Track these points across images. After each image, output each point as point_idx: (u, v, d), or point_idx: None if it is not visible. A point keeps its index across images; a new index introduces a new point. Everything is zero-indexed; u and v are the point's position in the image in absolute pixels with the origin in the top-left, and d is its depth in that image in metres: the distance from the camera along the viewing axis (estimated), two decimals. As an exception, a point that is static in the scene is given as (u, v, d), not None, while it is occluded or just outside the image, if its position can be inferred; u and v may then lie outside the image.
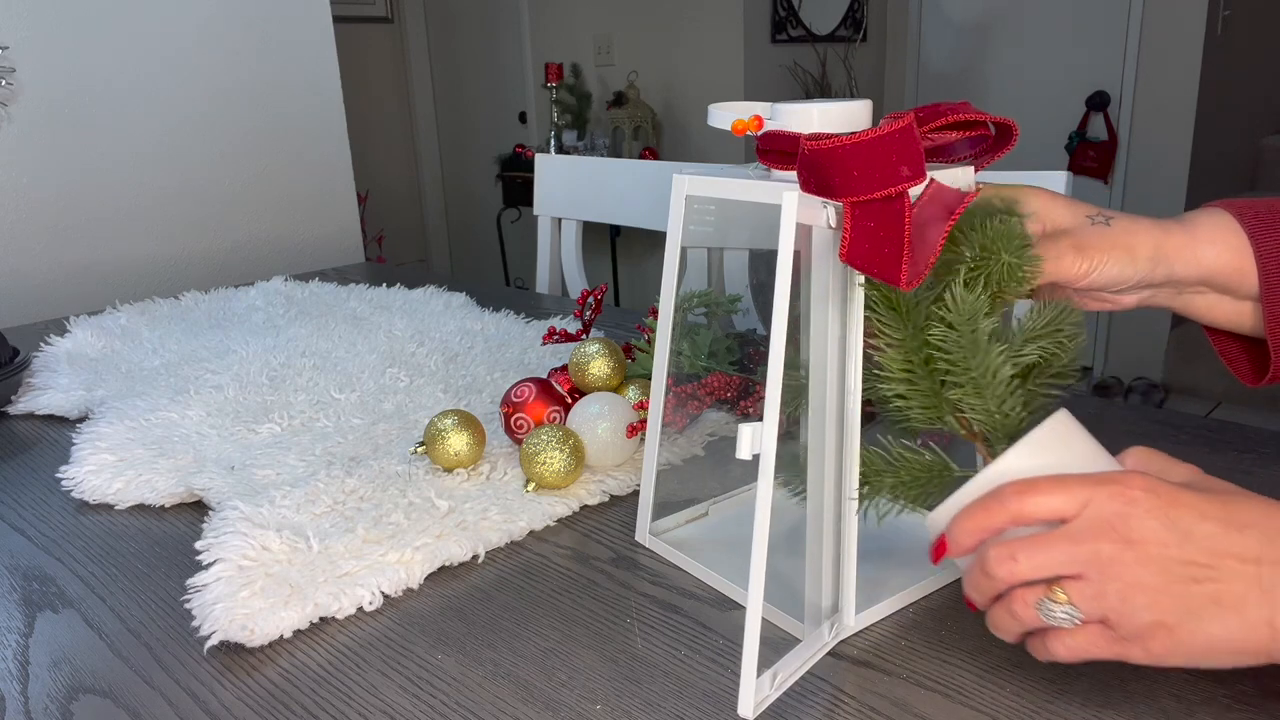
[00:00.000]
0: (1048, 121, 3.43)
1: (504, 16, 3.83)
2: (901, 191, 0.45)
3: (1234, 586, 0.40)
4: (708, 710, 0.46)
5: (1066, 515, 0.42)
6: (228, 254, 1.64)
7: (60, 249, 1.45)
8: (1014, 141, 0.52)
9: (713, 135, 3.25)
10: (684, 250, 0.58)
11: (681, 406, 0.73)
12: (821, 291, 0.49)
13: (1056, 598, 0.42)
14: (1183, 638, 0.41)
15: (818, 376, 0.50)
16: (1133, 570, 0.40)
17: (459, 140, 4.20)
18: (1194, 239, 0.57)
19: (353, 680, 0.50)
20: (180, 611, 0.56)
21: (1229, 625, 0.40)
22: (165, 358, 1.01)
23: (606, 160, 1.47)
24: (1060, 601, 0.42)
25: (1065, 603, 0.42)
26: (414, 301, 1.21)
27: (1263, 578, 0.40)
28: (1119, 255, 0.55)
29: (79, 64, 1.43)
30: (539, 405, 0.74)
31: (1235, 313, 0.60)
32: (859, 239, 0.46)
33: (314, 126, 1.72)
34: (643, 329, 0.85)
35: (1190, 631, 0.40)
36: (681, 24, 3.31)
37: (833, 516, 0.51)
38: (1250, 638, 0.40)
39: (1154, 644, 0.41)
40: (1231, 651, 0.41)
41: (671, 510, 0.65)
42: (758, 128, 0.50)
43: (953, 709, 0.46)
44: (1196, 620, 0.40)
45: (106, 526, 0.68)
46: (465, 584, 0.59)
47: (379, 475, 0.70)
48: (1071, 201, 0.58)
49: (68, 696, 0.49)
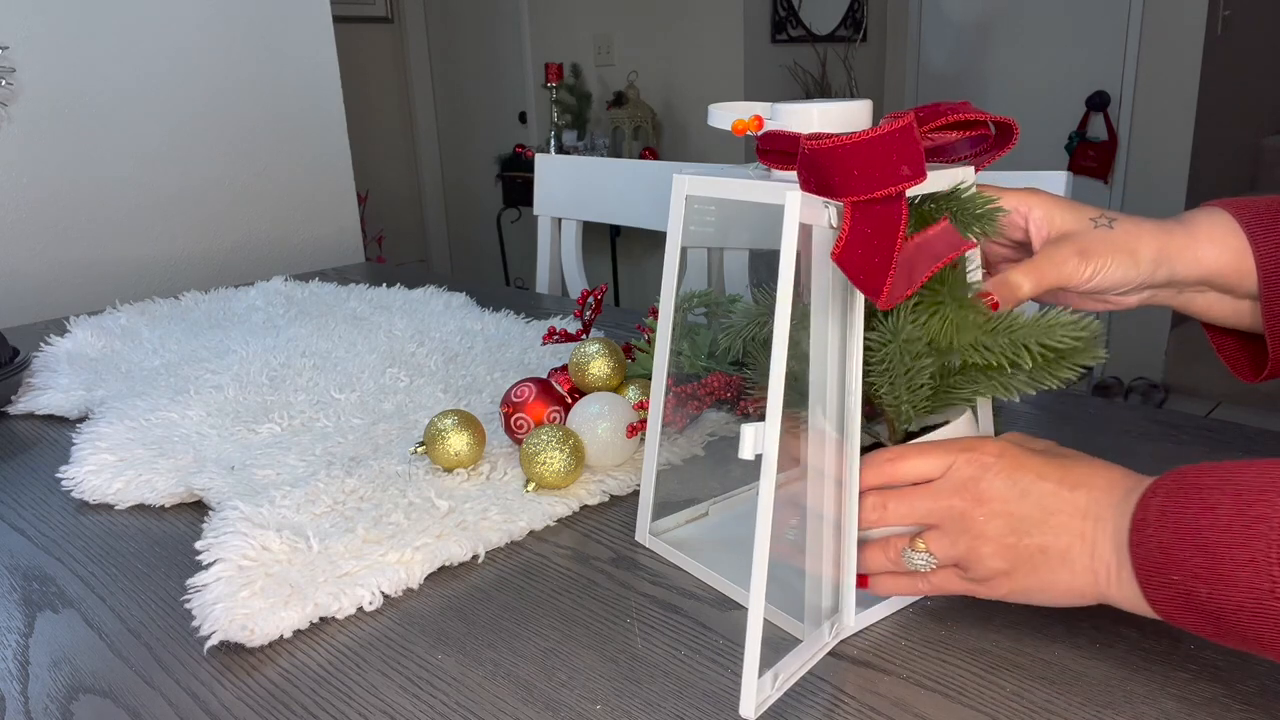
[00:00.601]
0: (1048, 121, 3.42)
1: (504, 16, 3.83)
2: (901, 193, 0.45)
3: (1061, 539, 0.46)
4: (708, 710, 0.46)
5: (932, 476, 0.49)
6: (228, 254, 1.64)
7: (60, 249, 1.45)
8: (1014, 141, 0.52)
9: (713, 135, 3.25)
10: (684, 250, 0.58)
11: (681, 406, 0.73)
12: (822, 291, 0.49)
13: (917, 546, 0.49)
14: (1020, 582, 0.47)
15: (818, 376, 0.50)
16: (980, 524, 0.47)
17: (459, 140, 4.20)
18: (1194, 239, 0.57)
19: (353, 680, 0.50)
20: (180, 611, 0.56)
21: (1057, 573, 0.46)
22: (165, 358, 1.01)
23: (606, 160, 1.47)
24: (920, 550, 0.49)
25: (924, 550, 0.49)
26: (414, 301, 1.21)
27: (1086, 532, 0.46)
28: (1122, 259, 0.56)
29: (79, 64, 1.43)
30: (539, 405, 0.74)
31: (1234, 311, 0.60)
32: (854, 242, 0.46)
33: (314, 126, 1.72)
34: (643, 329, 0.85)
35: (1025, 577, 0.47)
36: (681, 24, 3.30)
37: (833, 516, 0.51)
38: (1076, 584, 0.46)
39: (997, 586, 0.48)
40: (1063, 594, 0.47)
41: (671, 510, 0.65)
42: (758, 128, 0.50)
43: (953, 709, 0.46)
44: (1031, 568, 0.47)
45: (106, 526, 0.68)
46: (465, 584, 0.59)
47: (379, 475, 0.70)
48: (1074, 204, 0.58)
49: (68, 696, 0.49)
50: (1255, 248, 0.56)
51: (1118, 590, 0.45)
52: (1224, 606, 0.40)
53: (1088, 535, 0.46)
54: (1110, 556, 0.45)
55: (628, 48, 3.48)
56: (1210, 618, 0.41)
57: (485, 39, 3.94)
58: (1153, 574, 0.43)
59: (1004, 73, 3.55)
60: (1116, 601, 0.46)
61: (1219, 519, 0.41)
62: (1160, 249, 0.56)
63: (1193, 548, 0.41)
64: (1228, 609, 0.40)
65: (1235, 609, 0.40)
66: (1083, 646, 0.50)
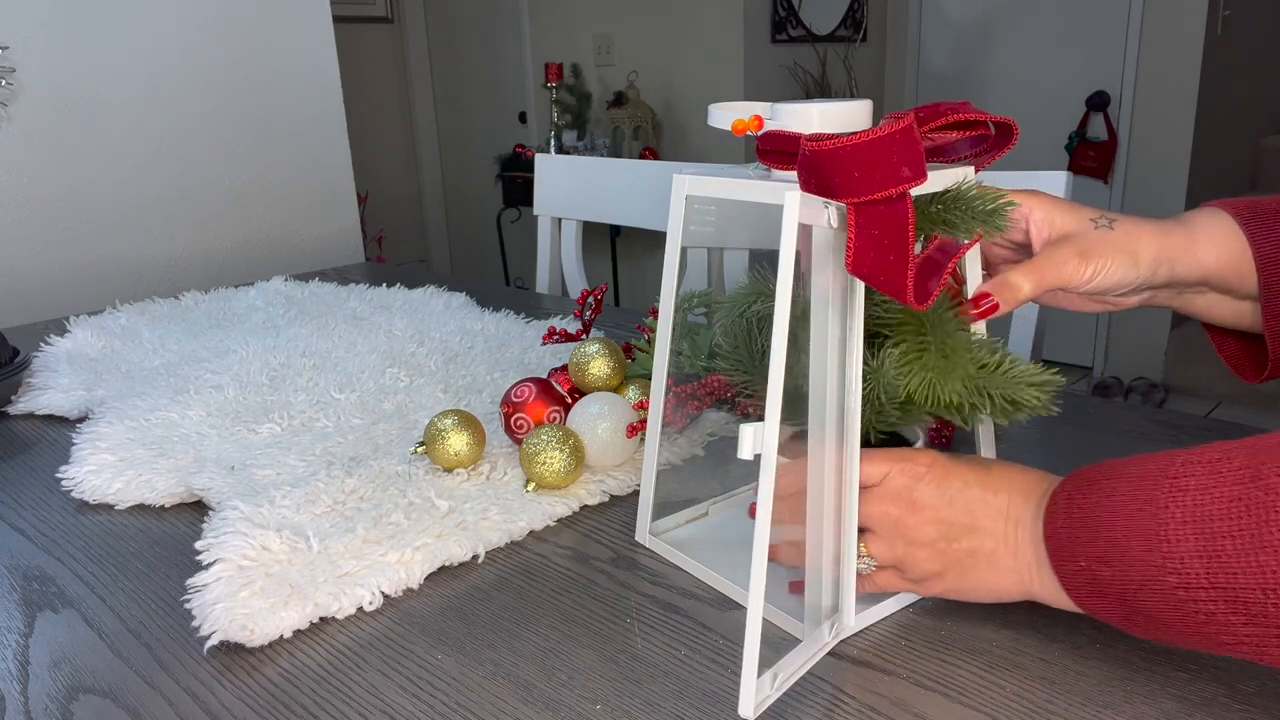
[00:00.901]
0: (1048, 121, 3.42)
1: (504, 16, 3.83)
2: (904, 193, 0.45)
3: (987, 543, 0.49)
4: (708, 710, 0.46)
5: (871, 483, 0.52)
6: (228, 254, 1.64)
7: (60, 249, 1.45)
8: (1014, 141, 0.52)
9: (713, 135, 3.25)
10: (684, 250, 0.58)
11: (681, 406, 0.73)
12: (822, 291, 0.49)
13: (859, 550, 0.52)
14: (953, 583, 0.51)
15: (818, 376, 0.50)
16: (914, 530, 0.50)
17: (459, 140, 4.20)
18: (1194, 240, 0.57)
19: (353, 680, 0.50)
20: (180, 611, 0.56)
21: (985, 574, 0.49)
22: (165, 358, 1.01)
23: (606, 160, 1.47)
24: (861, 553, 0.52)
25: (865, 554, 0.52)
26: (414, 301, 1.21)
27: (1009, 534, 0.49)
28: (1122, 259, 0.56)
29: (79, 64, 1.43)
30: (539, 405, 0.74)
31: (1234, 311, 0.60)
32: (864, 247, 0.46)
33: (314, 127, 1.72)
34: (643, 329, 0.85)
35: (957, 578, 0.50)
36: (681, 24, 3.30)
37: (833, 516, 0.51)
38: (1004, 583, 0.49)
39: (933, 586, 0.51)
40: (992, 592, 0.50)
41: (671, 510, 0.65)
42: (758, 128, 0.50)
43: (953, 709, 0.46)
44: (961, 570, 0.50)
45: (106, 526, 0.68)
46: (465, 584, 0.59)
47: (379, 475, 0.70)
48: (1073, 206, 0.58)
49: (68, 696, 0.49)
50: (1255, 248, 0.56)
51: (1040, 586, 0.48)
52: (1126, 588, 0.43)
53: (1010, 537, 0.49)
54: (1031, 555, 0.48)
55: (628, 48, 3.48)
56: (1118, 601, 0.44)
57: (485, 39, 3.94)
58: (1065, 563, 0.46)
59: (1004, 73, 3.55)
60: (1042, 597, 0.48)
61: (1115, 506, 0.44)
62: (1160, 249, 0.56)
63: (1094, 533, 0.44)
64: (1130, 590, 0.43)
65: (1136, 589, 0.43)
66: (1083, 646, 0.50)
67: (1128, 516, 0.43)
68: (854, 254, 0.46)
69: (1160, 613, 0.42)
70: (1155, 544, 0.42)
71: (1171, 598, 0.41)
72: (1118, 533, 0.43)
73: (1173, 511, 0.41)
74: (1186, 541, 0.41)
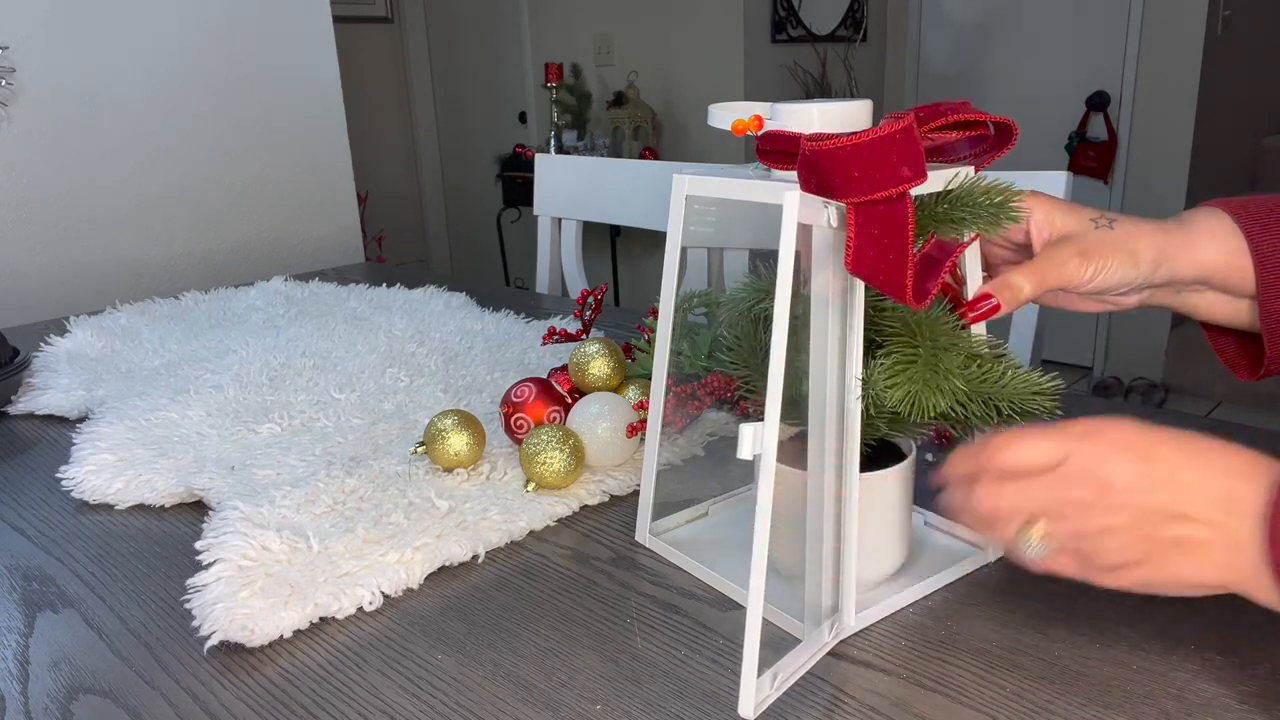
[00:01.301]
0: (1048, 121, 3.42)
1: (504, 16, 3.83)
2: (904, 193, 0.45)
3: (1198, 531, 0.43)
4: (708, 710, 0.46)
5: (1046, 465, 0.46)
6: (228, 254, 1.64)
7: (60, 249, 1.45)
8: (1014, 141, 0.52)
9: (713, 135, 3.25)
10: (684, 250, 0.58)
11: (681, 406, 0.73)
12: (822, 291, 0.49)
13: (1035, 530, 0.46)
14: (1151, 574, 0.45)
15: (818, 375, 0.50)
16: (1108, 516, 0.44)
17: (459, 140, 4.20)
18: (1192, 239, 0.58)
19: (353, 680, 0.50)
20: (180, 611, 0.56)
21: (1190, 565, 0.44)
22: (165, 358, 1.01)
23: (606, 160, 1.47)
24: (1037, 533, 0.46)
25: (1043, 535, 0.46)
26: (414, 301, 1.21)
27: (1228, 525, 0.43)
28: (1123, 259, 0.56)
29: (79, 64, 1.43)
30: (539, 405, 0.74)
31: (1233, 310, 0.60)
32: (864, 246, 0.46)
33: (314, 126, 1.72)
34: (643, 329, 0.85)
35: (1157, 569, 0.44)
36: (681, 24, 3.30)
37: (833, 516, 0.51)
38: (1212, 575, 0.44)
39: (1124, 576, 0.45)
40: (1196, 585, 0.44)
41: (671, 510, 0.65)
42: (758, 128, 0.50)
43: (953, 709, 0.46)
44: (1164, 561, 0.44)
45: (106, 526, 0.68)
46: (465, 584, 0.59)
47: (379, 475, 0.70)
48: (1073, 206, 0.58)
49: (68, 696, 0.49)
50: (1253, 247, 0.57)
51: (1256, 583, 0.43)
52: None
53: (1229, 528, 0.43)
54: (1254, 549, 0.42)
55: (628, 48, 3.48)
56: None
57: (485, 39, 3.94)
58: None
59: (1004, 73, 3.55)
60: (1255, 594, 0.43)
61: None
62: (1160, 249, 0.57)
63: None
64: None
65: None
66: (1083, 646, 0.50)
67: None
68: (854, 253, 0.46)
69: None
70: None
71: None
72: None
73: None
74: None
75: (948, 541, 0.61)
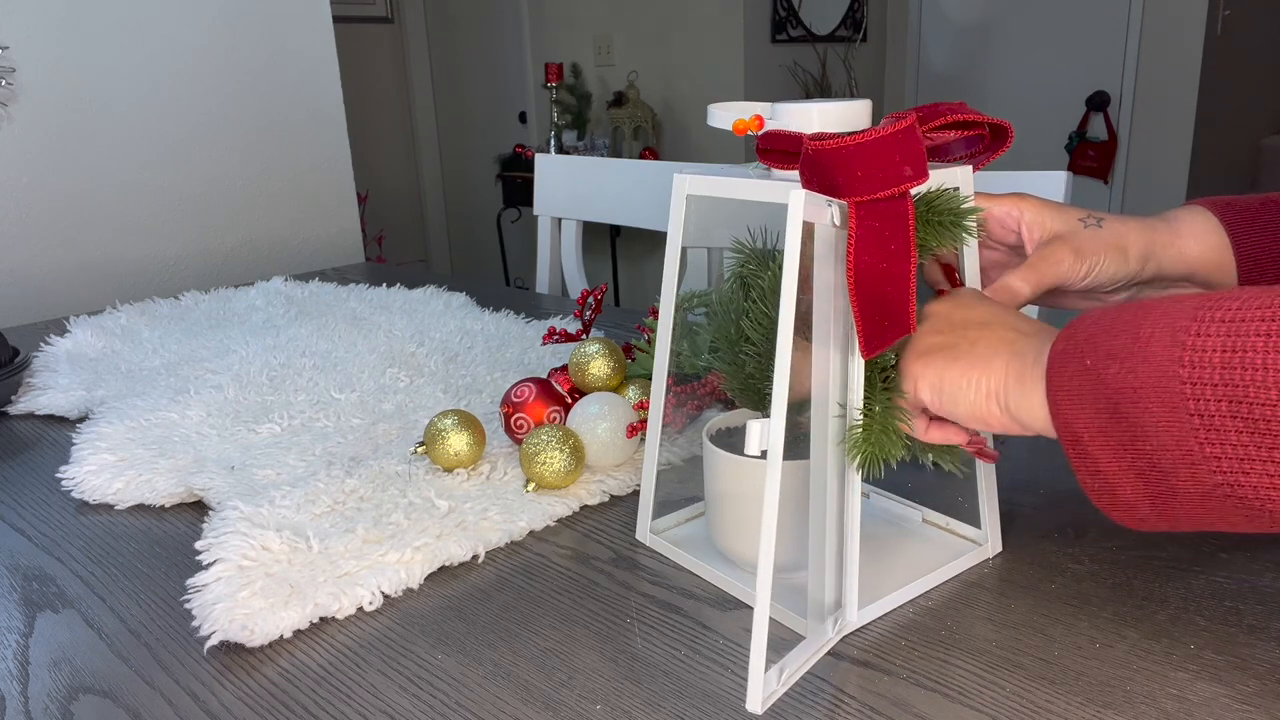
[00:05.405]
0: (1048, 121, 3.43)
1: (504, 16, 3.83)
2: (905, 192, 0.46)
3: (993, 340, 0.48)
4: (708, 710, 0.46)
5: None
6: (228, 254, 1.64)
7: (60, 249, 1.45)
8: (1009, 142, 0.53)
9: (713, 135, 3.25)
10: (684, 250, 0.58)
11: (681, 406, 0.73)
12: (825, 289, 0.49)
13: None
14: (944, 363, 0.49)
15: (820, 373, 0.50)
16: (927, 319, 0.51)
17: (459, 140, 4.20)
18: (1178, 236, 0.60)
19: (353, 680, 0.50)
20: (180, 611, 0.56)
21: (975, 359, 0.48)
22: (165, 358, 1.01)
23: (606, 160, 1.46)
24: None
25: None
26: (414, 301, 1.21)
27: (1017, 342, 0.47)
28: (1114, 256, 0.58)
29: (79, 64, 1.43)
30: (539, 405, 0.74)
31: None
32: (866, 243, 0.46)
33: (314, 126, 1.72)
34: (643, 329, 0.85)
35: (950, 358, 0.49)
36: (681, 24, 3.31)
37: (835, 512, 0.51)
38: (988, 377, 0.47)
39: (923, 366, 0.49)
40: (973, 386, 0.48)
41: (672, 509, 0.65)
42: (759, 127, 0.50)
43: (953, 709, 0.46)
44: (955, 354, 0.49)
45: (106, 526, 0.68)
46: (465, 584, 0.59)
47: (379, 475, 0.70)
48: (1062, 207, 0.60)
49: (68, 696, 0.49)
50: (1236, 244, 0.59)
51: (1017, 391, 0.46)
52: (1122, 389, 0.40)
53: (1017, 344, 0.47)
54: (1030, 360, 0.46)
55: (628, 48, 3.48)
56: (1105, 408, 0.41)
57: (485, 39, 3.95)
58: (1065, 364, 0.43)
59: (1004, 73, 3.55)
60: (1015, 405, 0.46)
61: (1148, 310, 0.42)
62: (1147, 245, 0.59)
63: (1118, 328, 0.42)
64: (1127, 389, 0.40)
65: (1134, 390, 0.40)
66: (1083, 646, 0.50)
67: (1154, 315, 0.41)
68: (855, 250, 0.46)
69: (1146, 416, 0.39)
70: (1179, 338, 0.39)
71: (1174, 395, 0.38)
72: (1142, 329, 0.40)
73: (1211, 314, 0.39)
74: (1214, 338, 0.38)
75: (946, 538, 0.61)
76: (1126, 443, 0.41)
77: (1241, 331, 0.37)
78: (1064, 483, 0.68)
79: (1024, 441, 0.75)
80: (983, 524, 0.59)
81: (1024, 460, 0.71)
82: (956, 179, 0.53)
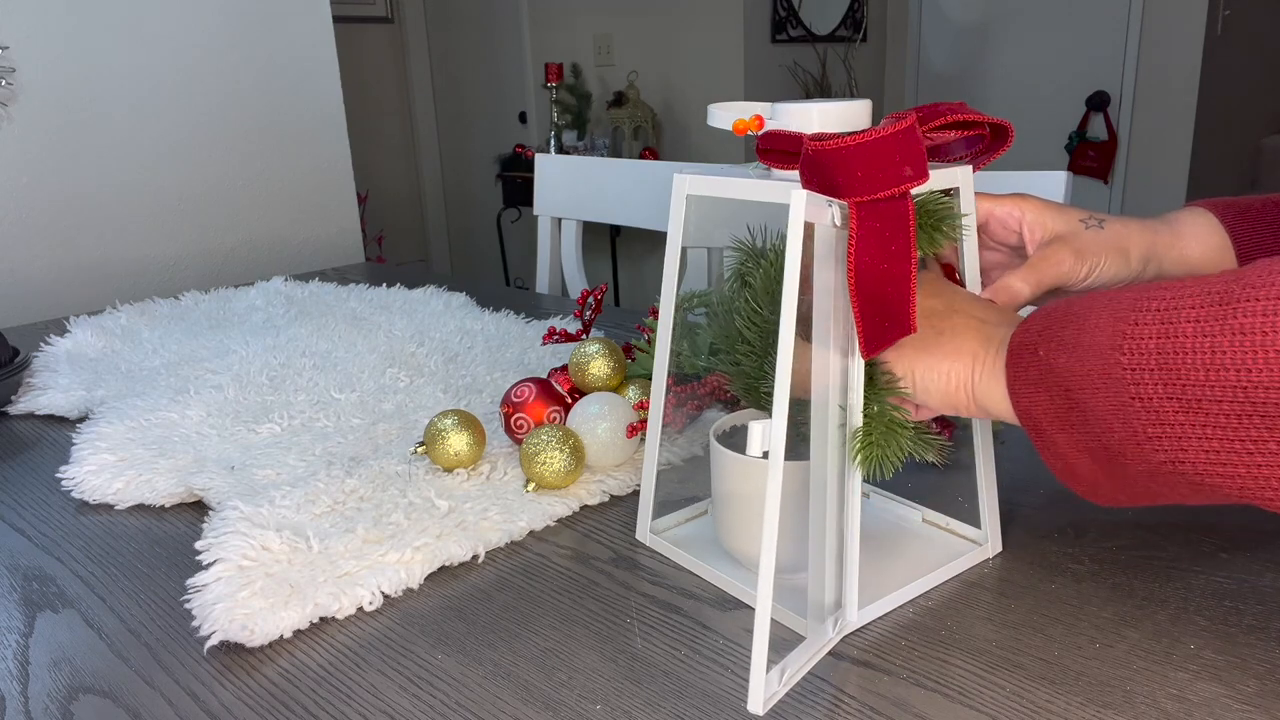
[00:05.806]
0: (1048, 121, 3.43)
1: (504, 16, 3.83)
2: (905, 192, 0.46)
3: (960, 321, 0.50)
4: (708, 710, 0.46)
5: None
6: (228, 254, 1.64)
7: (60, 249, 1.45)
8: (1009, 142, 0.53)
9: (713, 135, 3.25)
10: (684, 250, 0.58)
11: (681, 406, 0.73)
12: (825, 289, 0.49)
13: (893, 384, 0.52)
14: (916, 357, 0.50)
15: (820, 373, 0.50)
16: None
17: (459, 140, 4.20)
18: (1179, 237, 0.60)
19: (353, 680, 0.50)
20: (180, 611, 0.56)
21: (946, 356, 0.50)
22: (165, 358, 1.01)
23: (606, 160, 1.46)
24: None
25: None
26: (414, 301, 1.21)
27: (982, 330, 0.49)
28: (1115, 257, 0.58)
29: (79, 64, 1.43)
30: (539, 405, 0.74)
31: None
32: (866, 243, 0.46)
33: (314, 126, 1.72)
34: (643, 329, 0.85)
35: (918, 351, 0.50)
36: (681, 24, 3.31)
37: (835, 512, 0.51)
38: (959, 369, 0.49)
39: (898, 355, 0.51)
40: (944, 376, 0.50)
41: (672, 509, 0.65)
42: (759, 127, 0.50)
43: (953, 709, 0.46)
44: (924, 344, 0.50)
45: (106, 526, 0.68)
46: (465, 584, 0.59)
47: (379, 475, 0.70)
48: (1063, 208, 0.60)
49: (68, 696, 0.49)
50: (1236, 246, 0.60)
51: (981, 380, 0.48)
52: (1075, 372, 0.43)
53: (983, 333, 0.49)
54: (994, 351, 0.48)
55: (628, 48, 3.48)
56: (1060, 392, 0.43)
57: (485, 39, 3.94)
58: (1024, 350, 0.46)
59: (1004, 73, 3.55)
60: (981, 394, 0.48)
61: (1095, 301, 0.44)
62: (1148, 247, 0.59)
63: (1069, 320, 0.44)
64: (1076, 376, 0.42)
65: (1084, 376, 0.42)
66: (1083, 646, 0.50)
67: (1099, 306, 0.43)
68: (855, 250, 0.46)
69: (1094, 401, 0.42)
70: (1120, 328, 0.41)
71: (1116, 381, 0.41)
72: (1089, 320, 0.43)
73: (1148, 304, 0.41)
74: (1150, 326, 0.40)
75: (946, 538, 0.61)
76: (1079, 426, 0.43)
77: (1174, 319, 0.40)
78: (1064, 483, 0.68)
79: (1024, 441, 0.75)
80: (983, 524, 0.59)
81: (1024, 460, 0.71)
82: (956, 179, 0.53)
